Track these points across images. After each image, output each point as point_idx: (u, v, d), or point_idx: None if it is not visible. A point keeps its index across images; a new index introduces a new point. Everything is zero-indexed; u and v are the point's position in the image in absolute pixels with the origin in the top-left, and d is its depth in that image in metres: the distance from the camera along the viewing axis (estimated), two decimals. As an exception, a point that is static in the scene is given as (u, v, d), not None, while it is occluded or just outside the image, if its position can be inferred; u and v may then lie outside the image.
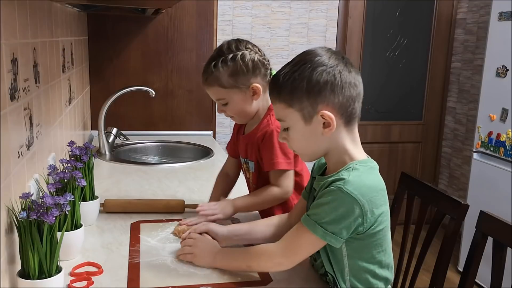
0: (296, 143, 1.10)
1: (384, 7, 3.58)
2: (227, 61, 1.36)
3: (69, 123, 1.86)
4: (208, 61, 1.41)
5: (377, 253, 1.06)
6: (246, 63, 1.37)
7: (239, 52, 1.37)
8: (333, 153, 1.07)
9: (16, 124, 1.04)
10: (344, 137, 1.06)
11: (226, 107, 1.43)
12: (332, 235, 0.99)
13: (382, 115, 3.73)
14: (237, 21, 3.28)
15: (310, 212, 1.03)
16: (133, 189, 1.82)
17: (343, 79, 1.02)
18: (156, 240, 1.34)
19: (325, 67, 1.01)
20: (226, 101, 1.41)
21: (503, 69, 2.79)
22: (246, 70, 1.37)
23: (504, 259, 1.24)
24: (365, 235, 1.02)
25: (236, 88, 1.38)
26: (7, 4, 0.97)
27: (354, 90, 1.04)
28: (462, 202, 1.35)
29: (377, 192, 1.02)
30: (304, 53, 1.07)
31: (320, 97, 1.01)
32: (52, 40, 1.52)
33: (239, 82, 1.38)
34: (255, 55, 1.39)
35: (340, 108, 1.03)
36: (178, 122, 2.81)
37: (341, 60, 1.04)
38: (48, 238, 0.96)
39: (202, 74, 1.42)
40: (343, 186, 0.98)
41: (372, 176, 1.04)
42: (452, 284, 2.75)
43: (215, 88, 1.40)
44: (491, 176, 2.86)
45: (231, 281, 1.12)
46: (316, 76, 1.01)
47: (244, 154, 1.52)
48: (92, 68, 2.65)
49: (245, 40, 1.42)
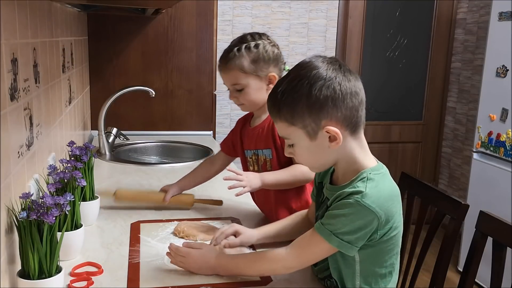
0: (304, 158, 1.08)
1: (384, 7, 3.58)
2: (250, 48, 1.42)
3: (69, 123, 1.86)
4: (229, 47, 1.45)
5: (389, 257, 1.06)
6: (268, 53, 1.43)
7: (261, 42, 1.43)
8: (343, 163, 1.05)
9: (16, 124, 1.03)
10: (352, 146, 1.03)
11: (240, 94, 1.45)
12: (347, 245, 0.98)
13: (382, 115, 3.73)
14: (237, 21, 3.28)
15: (325, 222, 1.00)
16: (133, 189, 1.81)
17: (343, 90, 0.98)
18: (156, 240, 1.34)
19: (324, 81, 0.98)
20: (242, 87, 1.44)
21: (503, 69, 2.79)
22: (268, 58, 1.42)
23: (504, 259, 1.24)
24: (380, 242, 1.01)
25: (255, 74, 1.42)
26: (7, 4, 0.97)
27: (356, 99, 1.01)
28: (462, 202, 1.35)
29: (392, 200, 1.01)
30: (299, 67, 1.03)
31: (323, 113, 0.98)
32: (52, 40, 1.52)
33: (258, 69, 1.41)
34: (274, 48, 1.45)
35: (344, 120, 1.00)
36: (178, 122, 2.81)
37: (339, 70, 1.00)
38: (48, 238, 0.96)
39: (221, 59, 1.45)
40: (361, 199, 0.96)
41: (387, 183, 1.03)
42: (452, 284, 2.75)
43: (235, 72, 1.42)
44: (491, 176, 2.86)
45: (231, 281, 1.12)
46: (316, 93, 0.97)
47: (253, 146, 1.52)
48: (92, 68, 2.65)
49: (266, 34, 1.48)
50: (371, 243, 1.01)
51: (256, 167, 1.52)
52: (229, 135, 1.64)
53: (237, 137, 1.59)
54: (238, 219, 1.51)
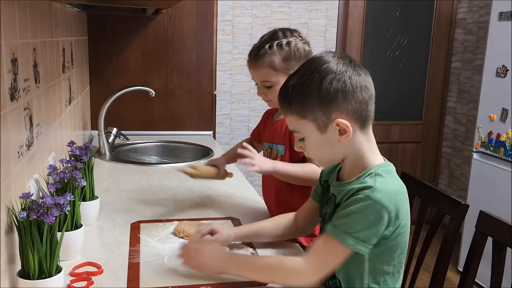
0: (314, 152, 1.09)
1: (384, 7, 3.58)
2: (282, 45, 1.40)
3: (69, 123, 1.86)
4: (260, 43, 1.44)
5: (398, 255, 1.05)
6: (299, 51, 1.42)
7: (292, 39, 1.42)
8: (351, 158, 1.06)
9: (16, 124, 1.03)
10: (361, 140, 1.04)
11: (269, 90, 1.45)
12: (362, 244, 0.97)
13: (382, 115, 3.73)
14: (237, 21, 3.28)
15: (337, 223, 0.99)
16: (133, 189, 1.82)
17: (353, 84, 1.00)
18: (156, 240, 1.34)
19: (334, 74, 0.99)
20: (271, 84, 1.43)
21: (503, 69, 2.79)
22: (299, 56, 1.41)
23: (504, 259, 1.24)
24: (390, 239, 1.01)
25: (285, 72, 1.39)
26: (7, 4, 0.97)
27: (366, 93, 1.02)
28: (462, 202, 1.35)
29: (401, 197, 1.01)
30: (310, 61, 1.05)
31: (333, 106, 0.99)
32: (52, 40, 1.52)
33: (290, 67, 1.39)
34: (305, 45, 1.44)
35: (354, 113, 1.01)
36: (178, 122, 2.81)
37: (349, 64, 1.02)
38: (48, 238, 0.96)
39: (251, 55, 1.45)
40: (372, 194, 0.96)
41: (395, 180, 1.04)
42: (452, 284, 2.75)
43: (265, 69, 1.42)
44: (491, 176, 2.86)
45: (231, 281, 1.12)
46: (326, 86, 0.99)
47: (270, 139, 1.53)
48: (92, 68, 2.65)
49: (298, 30, 1.47)
50: (382, 241, 1.00)
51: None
52: (259, 124, 1.68)
53: (262, 127, 1.63)
54: (238, 219, 1.51)
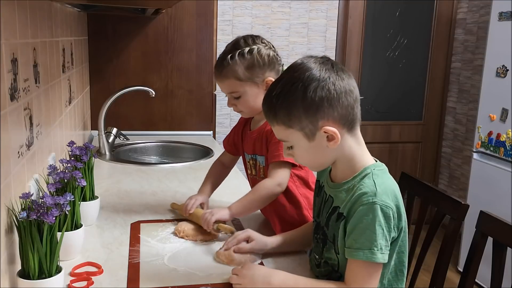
0: (303, 159, 1.09)
1: (384, 7, 3.58)
2: (244, 54, 1.37)
3: (69, 123, 1.86)
4: (223, 54, 1.41)
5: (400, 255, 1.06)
6: (262, 57, 1.38)
7: (255, 46, 1.38)
8: (342, 160, 1.06)
9: (16, 124, 1.03)
10: (350, 143, 1.04)
11: (238, 101, 1.43)
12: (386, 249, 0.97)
13: (382, 115, 3.73)
14: (237, 21, 3.28)
15: (358, 245, 0.97)
16: (133, 189, 1.82)
17: (338, 90, 0.99)
18: (156, 240, 1.34)
19: (318, 82, 0.98)
20: (239, 95, 1.41)
21: (503, 69, 2.79)
22: (263, 63, 1.38)
23: (504, 259, 1.24)
24: (397, 238, 1.02)
25: (251, 81, 1.38)
26: (7, 4, 0.97)
27: (351, 97, 1.01)
28: (462, 202, 1.35)
29: (397, 195, 1.02)
30: (292, 69, 1.03)
31: (319, 114, 0.99)
32: (52, 40, 1.52)
33: (254, 76, 1.38)
34: (269, 50, 1.40)
35: (341, 119, 1.00)
36: (178, 122, 2.81)
37: (332, 70, 1.00)
38: (48, 238, 0.96)
39: (216, 67, 1.42)
40: (376, 198, 0.96)
41: (390, 180, 1.04)
42: (452, 284, 2.75)
43: (230, 81, 1.39)
44: (491, 176, 2.86)
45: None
46: (311, 95, 0.98)
47: (251, 150, 1.50)
48: (92, 68, 2.65)
49: (260, 36, 1.43)
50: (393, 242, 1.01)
51: (254, 171, 1.52)
52: (231, 134, 1.62)
53: (239, 137, 1.58)
54: (238, 219, 1.51)
